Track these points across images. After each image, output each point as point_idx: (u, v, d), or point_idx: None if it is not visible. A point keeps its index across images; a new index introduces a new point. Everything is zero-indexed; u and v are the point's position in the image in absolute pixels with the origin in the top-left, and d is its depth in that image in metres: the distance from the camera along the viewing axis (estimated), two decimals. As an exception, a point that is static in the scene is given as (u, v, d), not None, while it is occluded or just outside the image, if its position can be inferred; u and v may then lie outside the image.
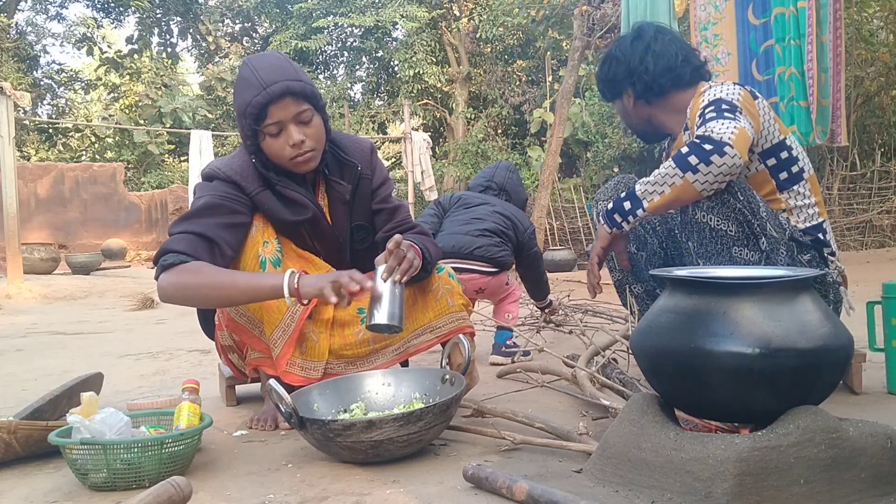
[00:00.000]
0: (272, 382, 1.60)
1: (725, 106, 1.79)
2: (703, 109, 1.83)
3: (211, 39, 21.13)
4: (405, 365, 2.08)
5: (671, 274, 1.39)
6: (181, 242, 1.79)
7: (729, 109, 1.77)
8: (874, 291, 2.26)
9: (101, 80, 20.12)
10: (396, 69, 16.39)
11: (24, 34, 19.76)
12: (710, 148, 1.66)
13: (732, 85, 1.91)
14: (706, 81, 2.08)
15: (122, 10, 19.61)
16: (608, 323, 3.50)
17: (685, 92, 2.05)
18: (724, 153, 1.65)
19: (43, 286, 7.54)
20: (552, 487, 1.27)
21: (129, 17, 19.97)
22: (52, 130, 18.46)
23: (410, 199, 10.74)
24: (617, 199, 1.84)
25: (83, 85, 21.18)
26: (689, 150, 1.69)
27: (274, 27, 18.07)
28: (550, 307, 3.33)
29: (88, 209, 13.61)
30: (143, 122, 17.42)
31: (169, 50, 20.26)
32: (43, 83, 20.10)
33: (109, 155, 18.15)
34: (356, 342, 1.95)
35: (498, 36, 14.43)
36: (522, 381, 2.36)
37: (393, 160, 17.57)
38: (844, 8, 3.57)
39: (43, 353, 3.72)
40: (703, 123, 1.76)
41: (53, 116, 19.93)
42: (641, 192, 1.77)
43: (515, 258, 3.00)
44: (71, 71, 21.24)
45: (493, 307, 3.15)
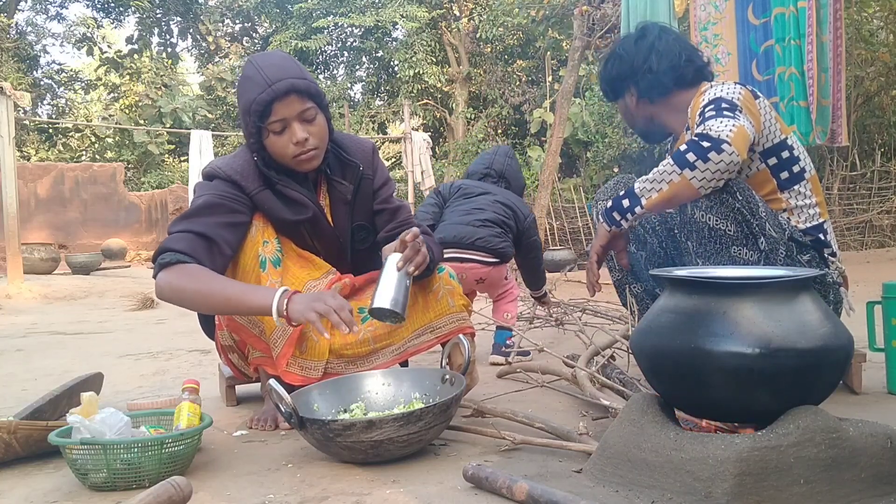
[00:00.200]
0: (272, 382, 1.60)
1: (725, 105, 1.79)
2: (703, 108, 1.83)
3: (211, 39, 21.13)
4: (405, 365, 2.08)
5: (671, 274, 1.39)
6: (180, 241, 1.79)
7: (729, 108, 1.77)
8: (874, 291, 2.26)
9: (101, 80, 20.11)
10: (396, 69, 16.39)
11: (24, 34, 19.76)
12: (707, 145, 1.66)
13: (733, 84, 1.91)
14: (708, 82, 2.09)
15: (122, 10, 19.61)
16: (608, 323, 3.50)
17: (688, 91, 2.05)
18: (721, 150, 1.65)
19: (43, 286, 7.54)
20: (552, 487, 1.27)
21: (129, 17, 19.99)
22: (52, 130, 18.46)
23: (410, 199, 10.75)
24: (616, 197, 1.85)
25: (83, 85, 21.18)
26: (687, 147, 1.69)
27: (274, 27, 18.07)
28: (545, 298, 3.33)
29: (88, 209, 13.61)
30: (143, 122, 17.42)
31: (169, 50, 20.26)
32: (43, 83, 20.10)
33: (109, 155, 18.15)
34: (356, 342, 1.94)
35: (498, 36, 14.43)
36: (522, 381, 2.36)
37: (393, 160, 17.56)
38: (844, 8, 3.57)
39: (43, 353, 3.72)
40: (702, 122, 1.76)
41: (53, 116, 19.93)
42: (640, 189, 1.77)
43: (515, 246, 3.00)
44: (71, 71, 21.24)
45: (492, 307, 3.16)
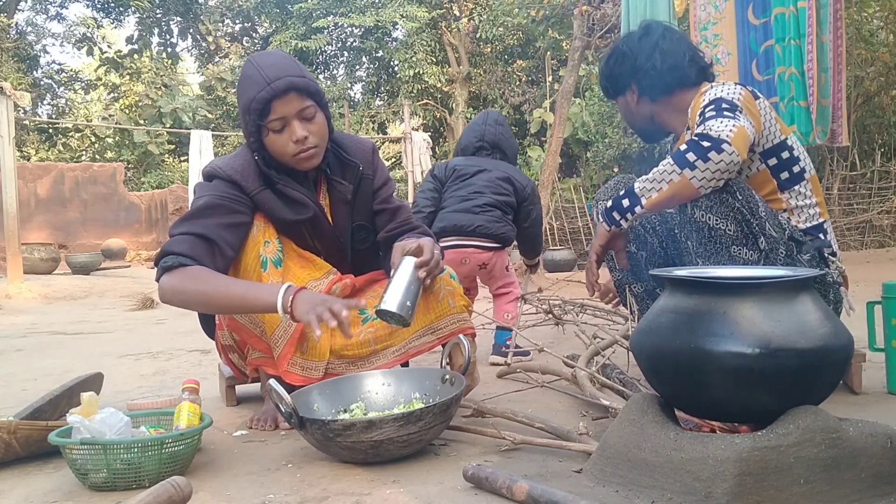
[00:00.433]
0: (272, 382, 1.60)
1: (725, 105, 1.79)
2: (703, 108, 1.83)
3: (211, 39, 21.13)
4: (405, 365, 2.08)
5: (671, 274, 1.39)
6: (182, 244, 1.79)
7: (729, 108, 1.78)
8: (874, 291, 2.26)
9: (101, 80, 20.11)
10: (396, 69, 16.38)
11: (24, 34, 19.75)
12: (708, 145, 1.66)
13: (734, 85, 1.91)
14: (709, 82, 2.08)
15: (122, 10, 19.61)
16: (608, 323, 3.50)
17: (689, 92, 2.05)
18: (721, 150, 1.65)
19: (43, 286, 7.54)
20: (552, 487, 1.27)
21: (129, 17, 19.99)
22: (52, 130, 18.46)
23: (410, 199, 10.74)
24: (616, 196, 1.85)
25: (83, 85, 21.17)
26: (687, 147, 1.70)
27: (274, 27, 18.06)
28: (536, 268, 3.35)
29: (88, 209, 13.61)
30: (143, 122, 17.41)
31: (169, 50, 20.25)
32: (43, 83, 20.10)
33: (109, 155, 18.15)
34: (357, 343, 1.94)
35: (498, 36, 14.43)
36: (522, 381, 2.36)
37: (393, 160, 17.56)
38: (844, 8, 3.56)
39: (43, 353, 3.72)
40: (702, 122, 1.76)
41: (53, 116, 19.93)
42: (640, 189, 1.77)
43: (514, 216, 2.99)
44: (71, 71, 21.24)
45: (492, 308, 3.15)
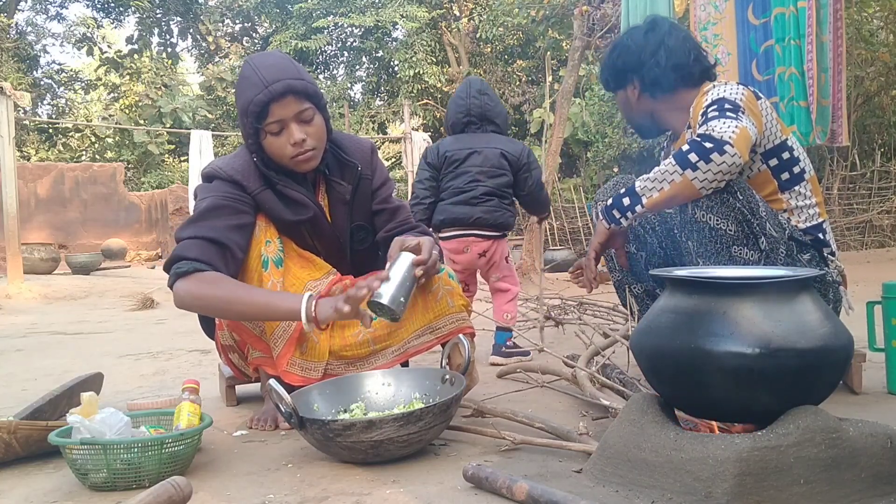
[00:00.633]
0: (272, 382, 1.60)
1: (728, 105, 1.79)
2: (705, 108, 1.83)
3: (211, 39, 21.13)
4: (405, 365, 2.08)
5: (671, 274, 1.39)
6: (193, 249, 1.78)
7: (732, 109, 1.77)
8: (874, 291, 2.25)
9: (101, 80, 20.12)
10: (396, 69, 16.38)
11: (24, 34, 19.76)
12: (710, 146, 1.66)
13: (736, 85, 1.91)
14: (711, 82, 2.08)
15: (122, 10, 19.62)
16: (608, 323, 3.50)
17: (691, 91, 2.05)
18: (724, 152, 1.65)
19: (43, 286, 7.54)
20: (552, 487, 1.27)
21: (129, 17, 20.00)
22: (52, 130, 18.46)
23: (410, 199, 10.71)
24: (616, 195, 1.85)
25: (83, 85, 21.18)
26: (689, 147, 1.69)
27: (274, 27, 18.06)
28: (546, 219, 3.37)
29: (88, 209, 13.62)
30: (143, 122, 17.41)
31: (169, 50, 20.26)
32: (43, 83, 20.10)
33: (109, 155, 18.15)
34: (356, 343, 1.94)
35: (498, 36, 14.43)
36: (522, 381, 2.36)
37: (393, 160, 17.55)
38: (844, 8, 3.56)
39: (43, 353, 3.72)
40: (705, 122, 1.76)
41: (53, 116, 19.93)
42: (641, 188, 1.77)
43: (514, 184, 2.98)
44: (71, 71, 21.25)
45: (492, 308, 3.15)
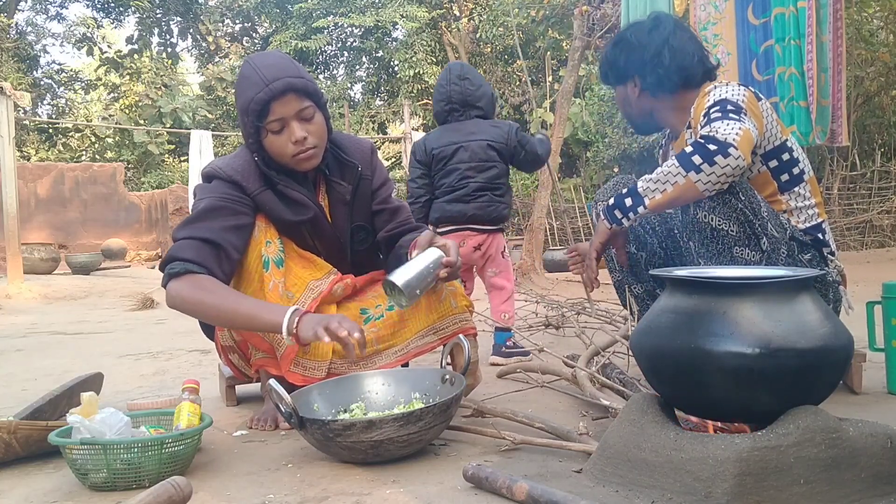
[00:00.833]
0: (272, 382, 1.60)
1: (731, 107, 1.78)
2: (708, 109, 1.82)
3: (211, 39, 21.13)
4: (405, 366, 2.08)
5: (671, 274, 1.39)
6: (187, 249, 1.78)
7: (734, 110, 1.77)
8: (874, 291, 2.25)
9: (101, 80, 20.12)
10: (396, 69, 16.38)
11: (24, 34, 19.76)
12: (714, 148, 1.66)
13: (737, 85, 1.90)
14: (711, 81, 2.08)
15: (122, 10, 19.62)
16: (608, 323, 3.50)
17: (692, 91, 2.04)
18: (728, 154, 1.65)
19: (43, 286, 7.54)
20: (552, 487, 1.27)
21: (129, 17, 19.99)
22: (52, 130, 18.46)
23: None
24: (618, 195, 1.84)
25: (83, 85, 21.18)
26: (693, 149, 1.69)
27: (274, 27, 18.06)
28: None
29: (88, 209, 13.62)
30: (143, 122, 17.41)
31: (169, 50, 20.25)
32: (43, 83, 20.10)
33: (109, 155, 18.15)
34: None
35: (498, 36, 14.42)
36: (522, 381, 2.36)
37: (393, 160, 17.55)
38: (844, 8, 3.56)
39: (43, 353, 3.72)
40: (707, 123, 1.76)
41: (53, 116, 19.93)
42: (643, 189, 1.77)
43: (512, 163, 2.98)
44: (71, 71, 21.25)
45: (489, 307, 3.15)
